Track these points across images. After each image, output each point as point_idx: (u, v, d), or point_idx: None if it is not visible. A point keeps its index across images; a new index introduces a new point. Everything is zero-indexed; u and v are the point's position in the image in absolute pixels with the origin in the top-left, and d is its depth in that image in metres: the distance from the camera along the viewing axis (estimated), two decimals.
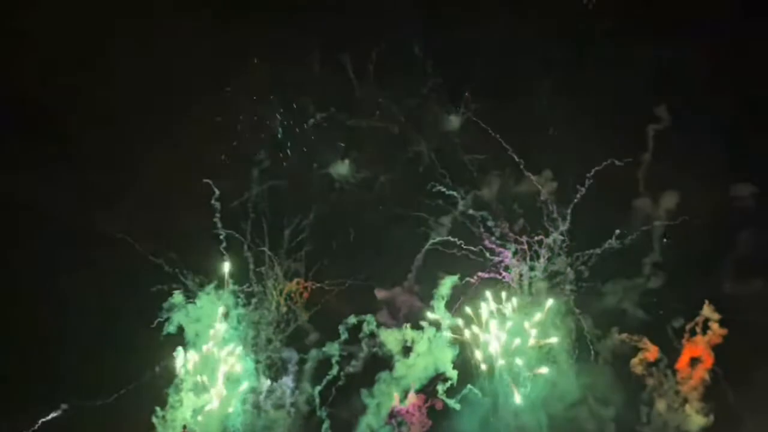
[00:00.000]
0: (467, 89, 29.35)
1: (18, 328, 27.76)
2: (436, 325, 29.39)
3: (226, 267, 30.19)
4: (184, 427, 28.48)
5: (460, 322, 29.28)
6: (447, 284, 29.41)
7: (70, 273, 28.30)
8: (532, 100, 29.03)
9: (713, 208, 28.56)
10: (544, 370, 28.91)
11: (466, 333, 29.13)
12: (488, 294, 29.48)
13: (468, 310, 29.28)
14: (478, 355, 28.89)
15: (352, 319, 29.84)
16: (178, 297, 29.38)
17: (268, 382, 29.92)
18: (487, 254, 29.83)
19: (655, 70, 28.98)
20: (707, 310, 28.31)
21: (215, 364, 29.19)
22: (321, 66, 29.46)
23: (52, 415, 27.70)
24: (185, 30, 27.81)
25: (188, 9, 27.90)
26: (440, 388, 28.98)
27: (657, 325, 29.00)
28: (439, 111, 29.68)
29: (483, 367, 28.88)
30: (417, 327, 29.48)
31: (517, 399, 28.61)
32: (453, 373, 28.92)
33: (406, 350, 29.42)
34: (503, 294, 29.55)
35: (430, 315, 29.50)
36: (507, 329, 29.23)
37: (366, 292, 30.05)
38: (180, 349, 29.01)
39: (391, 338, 29.46)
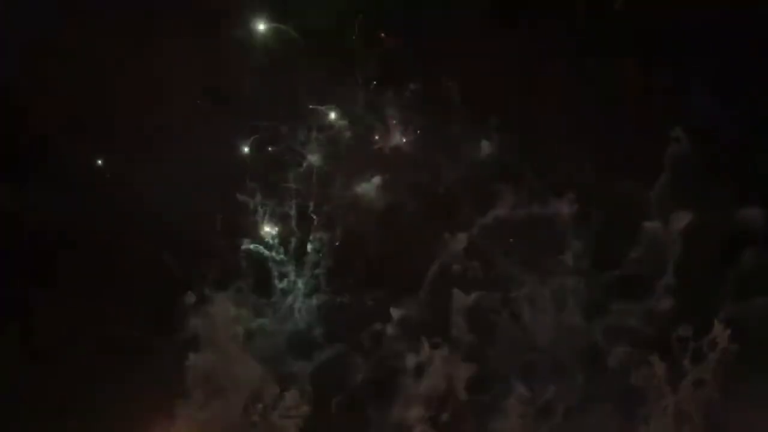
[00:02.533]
0: (492, 119, 29.54)
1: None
2: (451, 340, 29.73)
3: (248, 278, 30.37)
4: None
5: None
6: (461, 301, 29.72)
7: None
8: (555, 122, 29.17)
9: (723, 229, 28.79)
10: None
11: None
12: None
13: None
14: None
15: (373, 327, 30.01)
16: (190, 299, 29.33)
17: (278, 391, 29.80)
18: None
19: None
20: (717, 328, 28.43)
21: (226, 372, 29.24)
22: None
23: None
24: None
25: None
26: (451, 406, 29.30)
27: (664, 342, 29.02)
28: (466, 140, 29.89)
29: None
30: (432, 344, 29.67)
31: None
32: (464, 395, 29.30)
33: (419, 367, 29.66)
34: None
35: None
36: None
37: (383, 307, 30.26)
38: (192, 356, 29.01)
39: (405, 353, 29.69)
